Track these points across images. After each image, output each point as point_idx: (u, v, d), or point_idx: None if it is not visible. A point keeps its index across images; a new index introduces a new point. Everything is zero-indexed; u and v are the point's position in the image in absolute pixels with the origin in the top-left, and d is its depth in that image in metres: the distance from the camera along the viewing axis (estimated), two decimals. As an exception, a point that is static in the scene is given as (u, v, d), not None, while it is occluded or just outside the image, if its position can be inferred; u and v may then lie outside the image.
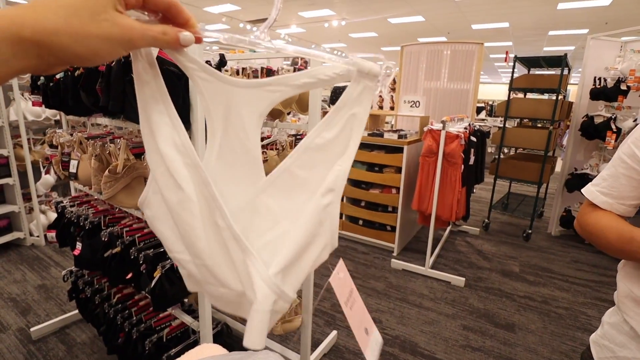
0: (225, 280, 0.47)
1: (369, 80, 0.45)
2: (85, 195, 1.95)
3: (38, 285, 2.55)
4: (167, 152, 0.43)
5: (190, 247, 0.47)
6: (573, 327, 2.32)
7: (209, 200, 0.44)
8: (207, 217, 0.45)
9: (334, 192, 0.46)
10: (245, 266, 0.44)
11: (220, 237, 0.45)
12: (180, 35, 0.39)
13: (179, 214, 0.45)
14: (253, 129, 0.48)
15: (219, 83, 0.46)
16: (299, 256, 0.46)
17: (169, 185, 0.44)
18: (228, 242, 0.45)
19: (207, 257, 0.46)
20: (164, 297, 1.33)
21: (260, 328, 0.43)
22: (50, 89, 1.57)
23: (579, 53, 9.90)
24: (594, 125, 3.46)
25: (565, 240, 3.84)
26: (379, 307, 2.46)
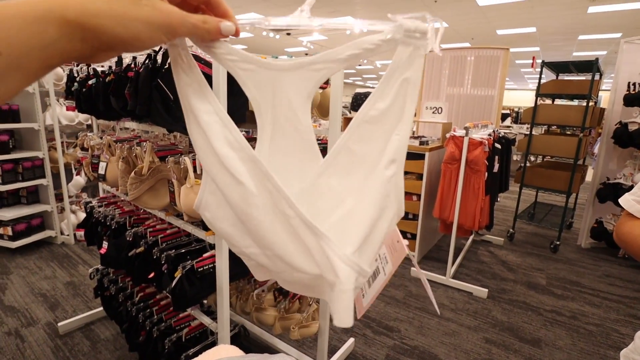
0: (300, 266, 0.46)
1: (418, 40, 0.42)
2: (112, 197, 2.03)
3: (67, 282, 2.66)
4: (222, 150, 0.43)
5: (260, 240, 0.47)
6: (604, 345, 2.19)
7: (272, 192, 0.44)
8: (272, 208, 0.45)
9: (396, 162, 0.45)
10: (321, 250, 0.44)
11: (290, 225, 0.45)
12: (222, 24, 0.38)
13: (244, 210, 0.45)
14: (303, 112, 0.47)
15: (262, 70, 0.45)
16: (371, 231, 0.46)
17: (228, 184, 0.44)
18: (299, 229, 0.44)
19: (278, 247, 0.46)
20: (184, 298, 1.36)
21: (348, 306, 0.44)
22: (83, 94, 1.65)
23: (611, 58, 9.50)
24: (628, 132, 3.29)
25: (596, 253, 3.65)
26: (397, 316, 2.41)
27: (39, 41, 0.28)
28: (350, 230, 0.45)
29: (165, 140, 1.72)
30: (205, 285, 1.41)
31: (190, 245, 1.57)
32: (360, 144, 0.45)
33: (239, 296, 1.92)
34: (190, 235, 1.62)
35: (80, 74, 1.75)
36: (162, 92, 1.14)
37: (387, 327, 2.30)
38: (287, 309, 1.81)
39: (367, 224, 0.45)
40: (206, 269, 1.40)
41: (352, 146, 0.46)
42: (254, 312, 1.82)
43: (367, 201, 0.45)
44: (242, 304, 1.89)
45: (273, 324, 1.78)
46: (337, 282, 0.43)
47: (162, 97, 1.15)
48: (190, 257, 1.45)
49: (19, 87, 0.29)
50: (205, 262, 1.41)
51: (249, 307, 1.85)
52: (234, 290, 1.94)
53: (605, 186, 3.51)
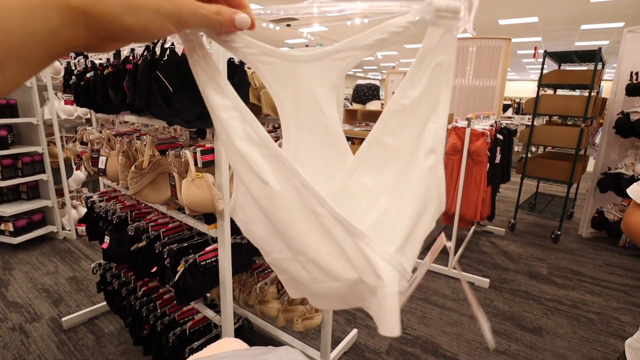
0: (335, 272, 0.42)
1: (450, 20, 0.38)
2: (113, 191, 2.02)
3: (69, 277, 2.66)
4: (243, 148, 0.41)
5: (290, 244, 0.43)
6: (605, 332, 2.20)
7: (299, 189, 0.40)
8: (301, 207, 0.41)
9: (436, 152, 0.42)
10: (359, 250, 0.40)
11: (322, 225, 0.40)
12: (236, 16, 0.36)
13: (270, 210, 0.42)
14: (329, 104, 0.45)
15: (283, 63, 0.43)
16: (414, 228, 0.42)
17: (254, 182, 0.41)
18: (332, 229, 0.40)
19: (311, 250, 0.42)
20: (187, 291, 1.36)
21: (394, 311, 0.39)
22: (81, 88, 1.63)
23: (614, 47, 9.40)
24: (630, 122, 3.27)
25: (596, 243, 3.66)
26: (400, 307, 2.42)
27: (40, 29, 0.26)
28: (390, 229, 0.42)
29: (165, 134, 1.71)
30: (208, 278, 1.41)
31: (193, 239, 1.57)
32: (393, 137, 0.42)
33: (242, 289, 1.92)
34: (192, 229, 1.62)
35: (78, 66, 1.72)
36: (161, 85, 1.13)
37: (389, 318, 2.30)
38: (290, 301, 1.82)
39: (410, 221, 0.41)
40: (209, 262, 1.40)
41: (385, 139, 0.42)
42: (257, 305, 1.82)
43: (406, 196, 0.42)
44: (245, 296, 1.90)
45: (276, 316, 1.79)
46: (380, 285, 0.39)
47: (161, 90, 1.13)
48: (193, 251, 1.45)
49: (20, 79, 0.27)
50: (207, 255, 1.41)
51: (252, 300, 1.85)
52: (237, 284, 1.95)
53: (606, 176, 3.50)
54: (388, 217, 0.42)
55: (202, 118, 1.21)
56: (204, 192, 1.22)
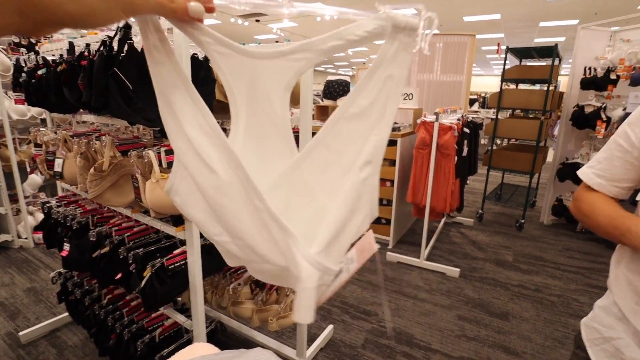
0: (269, 257, 0.45)
1: (406, 36, 0.39)
2: (72, 195, 1.91)
3: (27, 288, 2.50)
4: (194, 135, 0.41)
5: (230, 230, 0.45)
6: (565, 314, 2.34)
7: (243, 182, 0.42)
8: (243, 198, 0.43)
9: (372, 164, 0.44)
10: (288, 246, 0.43)
11: (259, 218, 0.43)
12: (190, 5, 0.35)
13: (215, 198, 0.43)
14: (280, 103, 0.45)
15: (238, 57, 0.43)
16: (340, 232, 0.44)
17: (201, 171, 0.42)
18: (268, 223, 0.43)
19: (248, 237, 0.44)
20: (155, 297, 1.31)
21: (308, 304, 0.42)
22: (33, 86, 1.52)
23: (570, 44, 9.94)
24: (584, 114, 3.48)
25: (557, 229, 3.88)
26: (375, 300, 2.46)
27: None
28: (320, 229, 0.44)
29: (127, 134, 1.63)
30: (177, 283, 1.36)
31: (160, 242, 1.51)
32: (337, 142, 0.44)
33: (214, 291, 1.88)
34: (159, 232, 1.55)
35: (29, 63, 1.61)
36: (119, 82, 1.07)
37: (364, 311, 2.34)
38: (264, 301, 1.80)
39: (336, 226, 0.44)
40: (177, 266, 1.36)
41: (330, 143, 0.44)
42: (231, 307, 1.79)
43: (338, 202, 0.44)
44: (218, 299, 1.85)
45: (251, 316, 1.76)
46: (300, 281, 0.42)
47: (119, 88, 1.07)
48: (160, 255, 1.39)
49: None
50: (176, 259, 1.36)
51: (225, 302, 1.81)
52: (209, 286, 1.90)
53: (564, 166, 3.70)
54: (323, 216, 0.44)
55: (164, 116, 1.16)
56: (169, 193, 1.17)
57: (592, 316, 0.88)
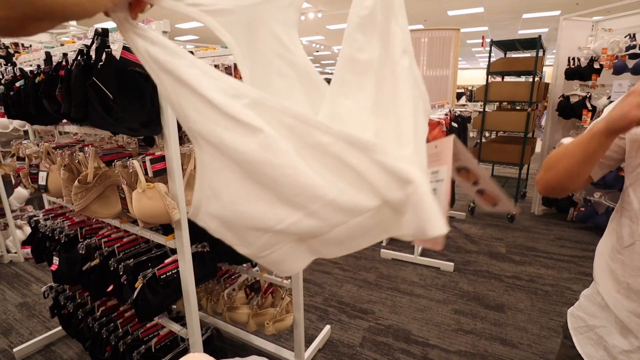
0: (358, 204, 0.38)
1: None
2: (59, 208, 1.87)
3: (19, 303, 2.45)
4: (221, 100, 0.35)
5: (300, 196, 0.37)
6: (560, 302, 2.37)
7: (295, 127, 0.36)
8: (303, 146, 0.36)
9: (407, 52, 0.40)
10: (379, 165, 0.37)
11: (332, 157, 0.37)
12: None
13: (269, 161, 0.35)
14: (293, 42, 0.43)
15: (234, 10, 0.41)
16: (415, 128, 0.40)
17: (240, 137, 0.35)
18: (344, 154, 0.36)
19: (327, 191, 0.37)
20: (148, 308, 1.29)
21: (435, 208, 0.37)
22: (11, 98, 1.49)
23: (553, 35, 10.07)
24: (570, 104, 3.52)
25: (548, 219, 3.92)
26: (370, 298, 2.46)
27: None
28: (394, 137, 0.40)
29: (112, 143, 1.60)
30: (170, 292, 1.34)
31: (150, 252, 1.49)
32: (362, 51, 0.41)
33: (209, 297, 1.86)
34: (149, 241, 1.53)
35: (6, 75, 1.57)
36: (99, 92, 1.05)
37: (361, 310, 2.34)
38: (260, 305, 1.79)
39: (410, 122, 0.39)
40: (169, 275, 1.34)
41: (356, 55, 0.41)
42: (227, 312, 1.78)
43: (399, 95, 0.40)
44: (213, 305, 1.84)
45: (247, 321, 1.75)
46: (413, 188, 0.36)
47: (100, 97, 1.05)
48: (152, 265, 1.37)
49: None
50: (167, 268, 1.34)
51: (220, 308, 1.80)
52: (204, 292, 1.89)
53: (553, 156, 3.74)
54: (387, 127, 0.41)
55: (148, 125, 1.14)
56: (156, 202, 1.16)
57: (578, 305, 0.90)
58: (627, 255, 0.73)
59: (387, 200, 0.38)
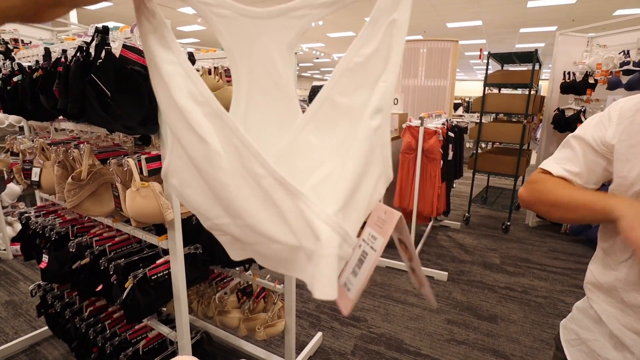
0: (274, 236, 0.41)
1: None
2: (52, 205, 1.85)
3: (5, 301, 2.41)
4: (184, 103, 0.38)
5: (227, 208, 0.41)
6: (552, 315, 2.37)
7: (240, 149, 0.39)
8: (240, 169, 0.39)
9: (382, 112, 0.41)
10: (299, 212, 0.39)
11: (261, 188, 0.39)
12: None
13: (207, 171, 0.40)
14: (284, 64, 0.44)
15: (239, 18, 0.42)
16: (356, 190, 0.41)
17: (192, 141, 0.39)
18: (272, 191, 0.39)
19: (248, 215, 0.40)
20: (137, 309, 1.27)
21: (330, 274, 0.38)
22: (8, 93, 1.48)
23: (549, 49, 10.22)
24: (565, 118, 3.56)
25: (542, 231, 3.94)
26: (363, 306, 2.44)
27: None
28: (332, 190, 0.41)
29: (108, 141, 1.59)
30: (160, 293, 1.32)
31: (142, 252, 1.48)
32: (344, 96, 0.42)
33: (200, 300, 1.84)
34: (142, 241, 1.52)
35: (4, 69, 1.56)
36: (97, 89, 1.04)
37: (353, 317, 2.32)
38: (251, 310, 1.77)
39: (351, 181, 0.41)
40: (160, 276, 1.32)
41: (336, 98, 0.42)
42: (217, 316, 1.75)
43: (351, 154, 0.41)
44: (204, 308, 1.82)
45: (238, 326, 1.73)
46: (318, 246, 0.38)
47: (97, 94, 1.04)
48: (143, 265, 1.36)
49: None
50: (159, 268, 1.33)
51: (211, 311, 1.78)
52: (195, 295, 1.86)
53: (547, 168, 3.77)
54: (333, 177, 0.42)
55: (145, 124, 1.14)
56: (150, 202, 1.15)
57: (570, 317, 0.89)
58: (622, 271, 0.73)
59: (301, 246, 0.41)
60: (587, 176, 0.77)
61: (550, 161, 0.82)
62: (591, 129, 0.76)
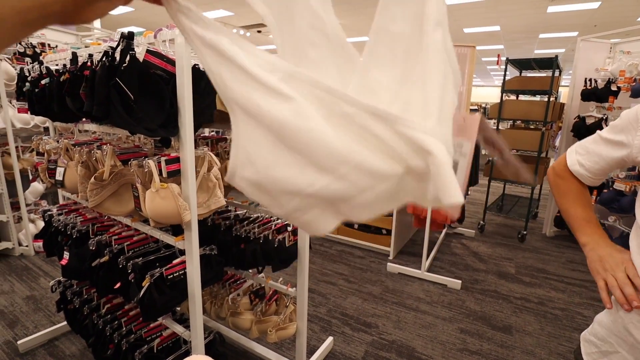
0: (382, 170, 0.39)
1: None
2: (73, 203, 1.91)
3: (27, 296, 2.49)
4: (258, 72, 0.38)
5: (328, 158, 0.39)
6: (570, 327, 2.30)
7: (324, 99, 0.38)
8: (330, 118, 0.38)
9: (442, 24, 0.40)
10: (401, 135, 0.38)
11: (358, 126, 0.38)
12: None
13: (300, 126, 0.38)
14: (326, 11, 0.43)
15: None
16: (442, 101, 0.40)
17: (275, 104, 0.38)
18: (367, 124, 0.38)
19: (354, 155, 0.38)
20: (153, 307, 1.30)
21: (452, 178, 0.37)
22: (36, 95, 1.54)
23: (569, 55, 10.01)
24: (585, 126, 3.47)
25: (559, 241, 3.84)
26: (375, 312, 2.43)
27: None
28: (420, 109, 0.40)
29: (129, 143, 1.64)
30: (176, 293, 1.35)
31: (159, 252, 1.51)
32: (395, 22, 0.41)
33: (213, 301, 1.86)
34: (159, 241, 1.55)
35: (33, 72, 1.63)
36: (121, 92, 1.08)
37: (365, 323, 2.31)
38: (263, 312, 1.78)
39: (437, 94, 0.40)
40: (176, 275, 1.35)
41: (389, 27, 0.41)
42: (230, 317, 1.77)
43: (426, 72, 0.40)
44: (217, 309, 1.84)
45: (250, 327, 1.75)
46: (432, 159, 0.37)
47: (121, 97, 1.08)
48: (160, 264, 1.39)
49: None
50: (175, 268, 1.35)
51: (224, 312, 1.80)
52: (208, 296, 1.89)
53: (566, 177, 3.68)
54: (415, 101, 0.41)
55: (166, 126, 1.17)
56: (169, 202, 1.18)
57: (591, 330, 0.88)
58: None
59: (410, 168, 0.39)
60: (598, 171, 0.86)
61: (574, 149, 0.92)
62: (618, 131, 0.80)
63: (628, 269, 0.75)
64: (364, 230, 3.45)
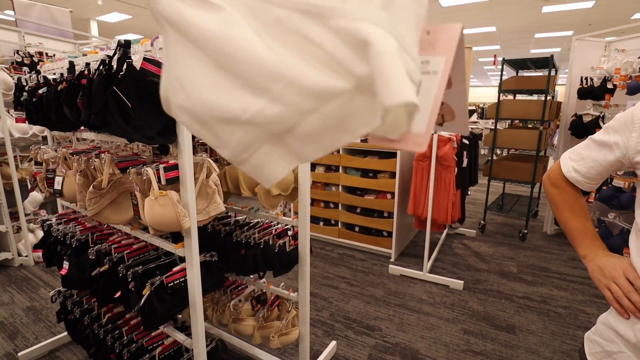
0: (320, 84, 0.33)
1: None
2: (72, 213, 1.90)
3: (27, 307, 2.47)
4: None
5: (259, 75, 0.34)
6: (573, 325, 2.29)
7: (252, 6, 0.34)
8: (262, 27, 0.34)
9: None
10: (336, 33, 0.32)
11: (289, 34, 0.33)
12: None
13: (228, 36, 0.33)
14: None
15: None
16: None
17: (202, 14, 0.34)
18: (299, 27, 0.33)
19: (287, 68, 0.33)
20: (154, 316, 1.29)
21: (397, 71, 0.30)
22: (33, 105, 1.54)
23: (565, 54, 10.06)
24: (583, 124, 3.48)
25: (560, 239, 3.84)
26: (378, 315, 2.42)
27: None
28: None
29: (127, 151, 1.63)
30: (176, 300, 1.34)
31: (159, 259, 1.50)
32: None
33: (215, 308, 1.85)
34: (158, 248, 1.54)
35: (30, 82, 1.63)
36: (118, 100, 1.08)
37: (368, 326, 2.30)
38: (265, 318, 1.77)
39: None
40: (177, 283, 1.34)
41: None
42: (232, 324, 1.76)
43: None
44: (219, 315, 1.83)
45: (252, 334, 1.73)
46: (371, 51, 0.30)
47: (118, 106, 1.08)
48: (160, 272, 1.38)
49: None
50: (175, 276, 1.34)
51: (226, 319, 1.79)
52: (210, 303, 1.88)
53: (565, 175, 3.69)
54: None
55: (164, 134, 1.17)
56: (168, 210, 1.17)
57: (595, 329, 0.87)
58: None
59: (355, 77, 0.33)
60: (595, 176, 0.87)
61: (567, 156, 0.93)
62: (613, 132, 0.80)
63: (627, 273, 0.75)
64: (365, 233, 3.44)
